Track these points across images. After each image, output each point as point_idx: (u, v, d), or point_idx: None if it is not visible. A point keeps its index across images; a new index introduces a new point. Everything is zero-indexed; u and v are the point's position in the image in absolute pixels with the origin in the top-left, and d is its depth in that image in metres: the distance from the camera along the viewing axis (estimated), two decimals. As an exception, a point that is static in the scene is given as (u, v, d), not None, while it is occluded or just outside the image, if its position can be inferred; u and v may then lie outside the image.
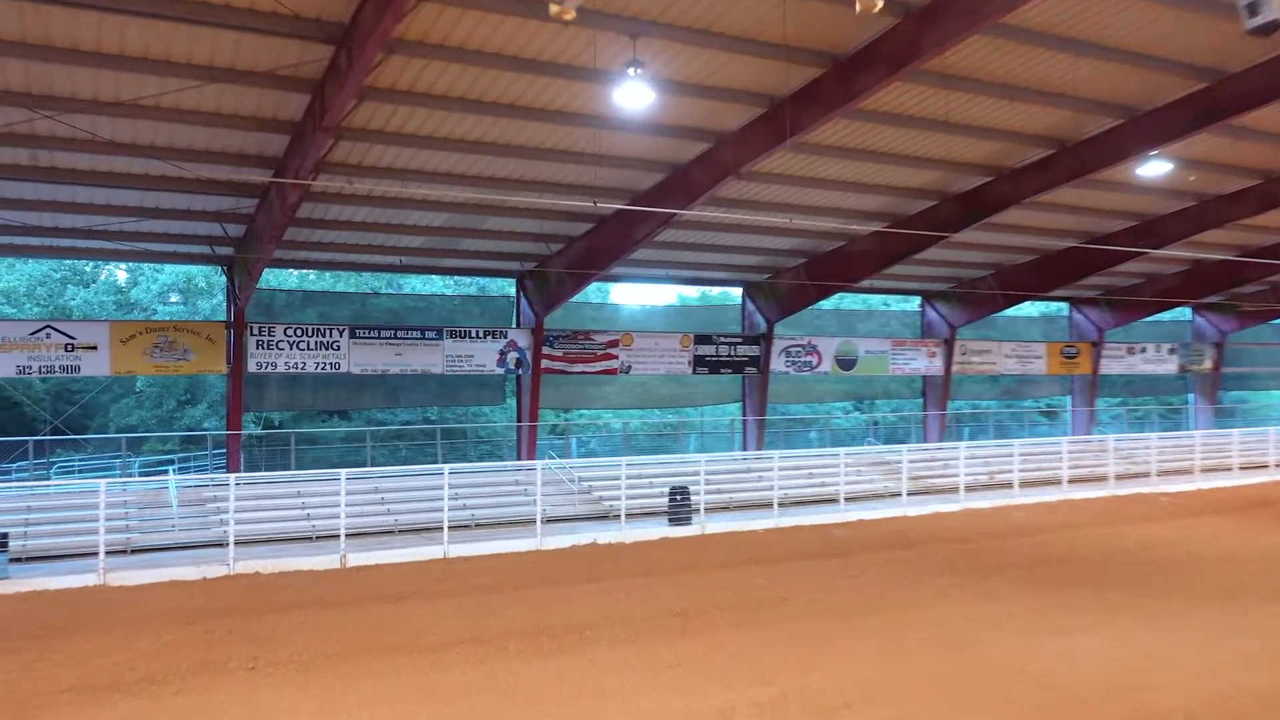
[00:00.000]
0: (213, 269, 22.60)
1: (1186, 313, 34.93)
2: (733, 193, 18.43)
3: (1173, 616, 10.45)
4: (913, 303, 30.66)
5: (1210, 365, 34.68)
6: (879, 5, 10.15)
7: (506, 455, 25.31)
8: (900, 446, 23.02)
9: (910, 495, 19.76)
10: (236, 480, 15.33)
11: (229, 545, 13.67)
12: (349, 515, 14.79)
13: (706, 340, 24.95)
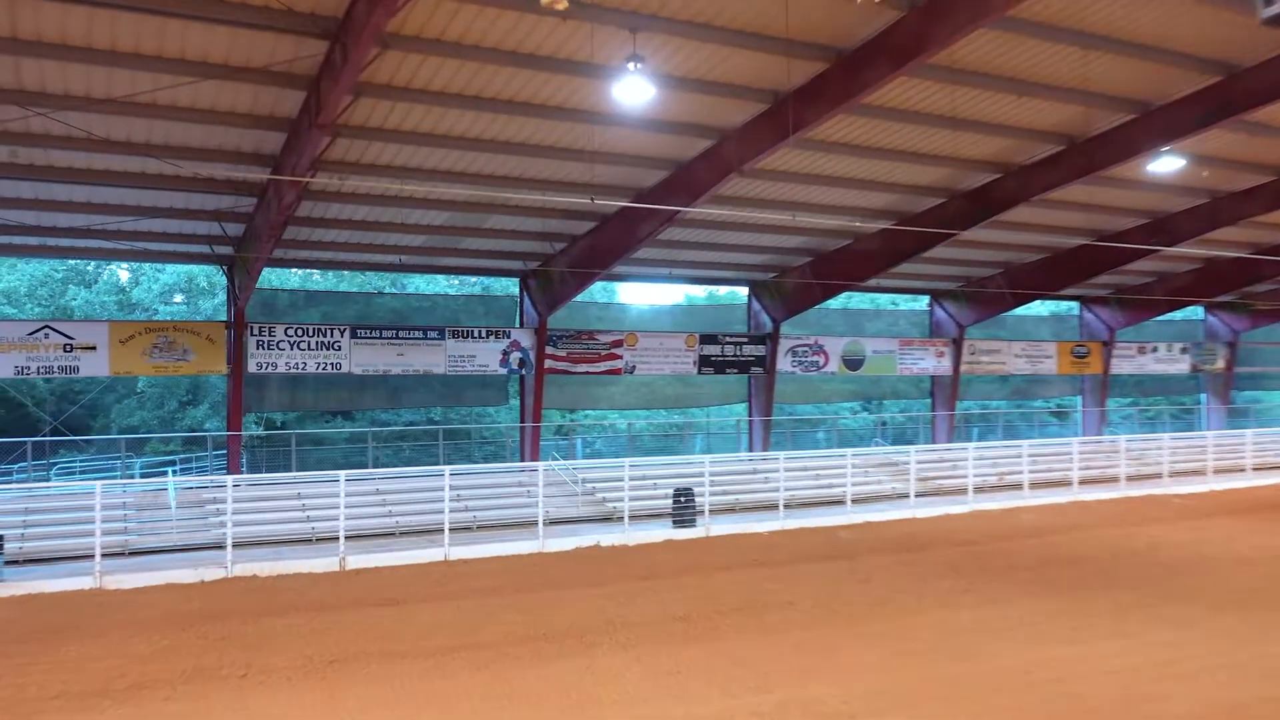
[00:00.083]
0: (214, 269, 22.46)
1: (1199, 312, 34.61)
2: (737, 190, 18.27)
3: (1185, 622, 10.24)
4: (921, 302, 30.45)
5: (1223, 365, 34.42)
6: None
7: (511, 456, 25.18)
8: (908, 447, 22.82)
9: (918, 497, 19.61)
10: (235, 482, 15.23)
11: (227, 548, 13.55)
12: (349, 517, 14.70)
13: (712, 340, 24.78)
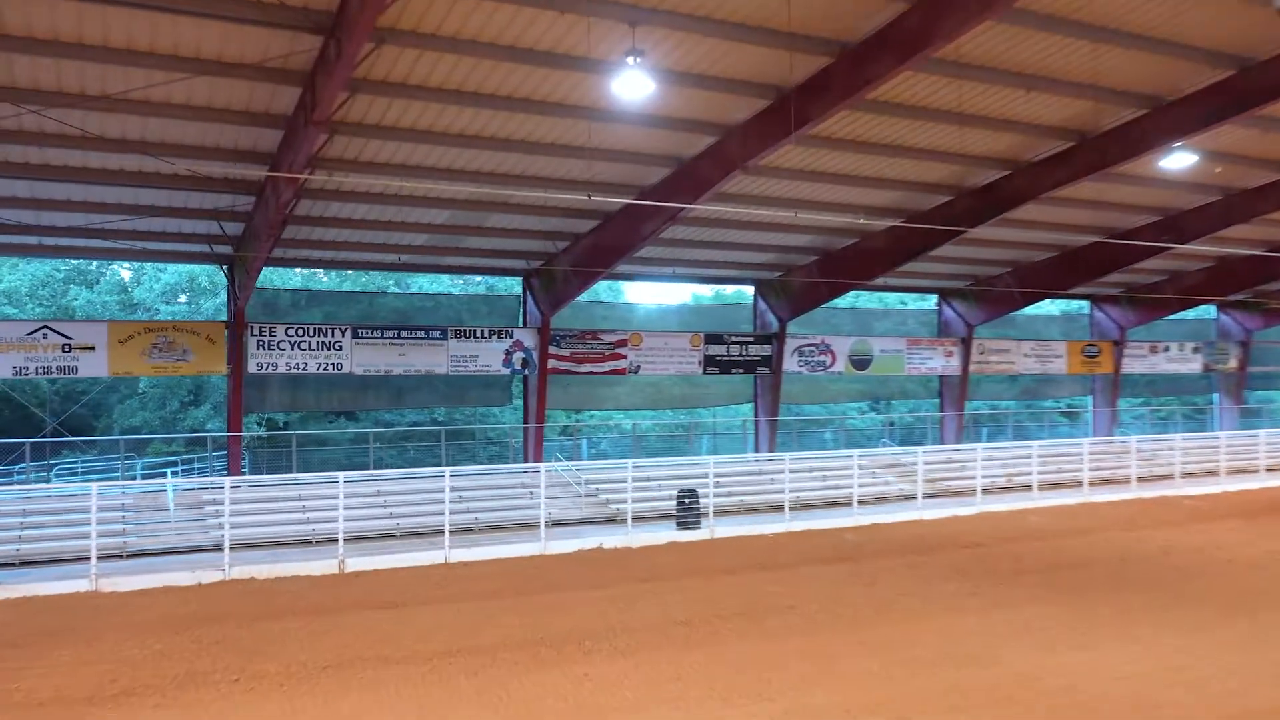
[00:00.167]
0: (214, 268, 22.35)
1: (1211, 310, 34.30)
2: (740, 188, 18.07)
3: (1196, 627, 10.04)
4: (929, 301, 30.20)
5: (1235, 364, 34.10)
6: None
7: (515, 457, 25.00)
8: (916, 448, 22.56)
9: (926, 498, 19.39)
10: (233, 483, 15.11)
11: (224, 550, 13.42)
12: (349, 519, 14.56)
13: (717, 340, 24.56)
